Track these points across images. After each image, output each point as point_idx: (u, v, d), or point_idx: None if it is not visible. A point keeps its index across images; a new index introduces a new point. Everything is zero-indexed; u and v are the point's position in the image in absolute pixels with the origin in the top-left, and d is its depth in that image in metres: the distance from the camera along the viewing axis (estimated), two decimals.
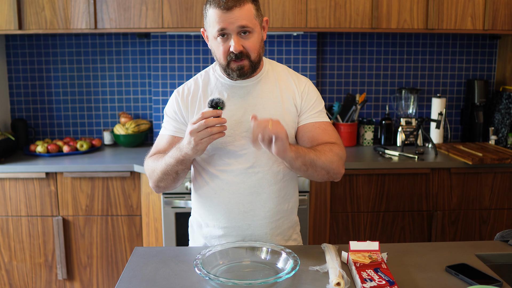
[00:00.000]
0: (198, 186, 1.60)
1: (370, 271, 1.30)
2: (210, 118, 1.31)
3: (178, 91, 1.60)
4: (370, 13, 2.78)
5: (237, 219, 1.55)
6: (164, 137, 1.58)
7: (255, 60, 1.47)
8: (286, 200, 1.60)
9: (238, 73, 1.46)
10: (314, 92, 1.60)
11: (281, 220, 1.59)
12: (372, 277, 1.27)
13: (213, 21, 1.42)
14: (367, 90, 3.25)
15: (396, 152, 2.79)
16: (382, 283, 1.23)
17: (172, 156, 1.43)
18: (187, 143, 1.36)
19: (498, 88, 3.21)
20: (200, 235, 1.64)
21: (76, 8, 2.72)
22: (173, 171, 1.46)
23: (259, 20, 1.46)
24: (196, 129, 1.31)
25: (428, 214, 2.73)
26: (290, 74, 1.61)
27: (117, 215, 2.71)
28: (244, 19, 1.40)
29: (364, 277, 1.26)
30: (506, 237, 1.58)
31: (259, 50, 1.48)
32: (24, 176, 2.63)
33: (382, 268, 1.31)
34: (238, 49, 1.42)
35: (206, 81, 1.58)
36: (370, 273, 1.29)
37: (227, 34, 1.42)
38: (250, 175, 1.53)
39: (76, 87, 3.19)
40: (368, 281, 1.25)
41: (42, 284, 2.75)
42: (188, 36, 3.02)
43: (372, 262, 1.35)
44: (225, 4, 1.39)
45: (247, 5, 1.42)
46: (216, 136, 1.33)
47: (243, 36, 1.43)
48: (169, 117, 1.59)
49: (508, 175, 2.71)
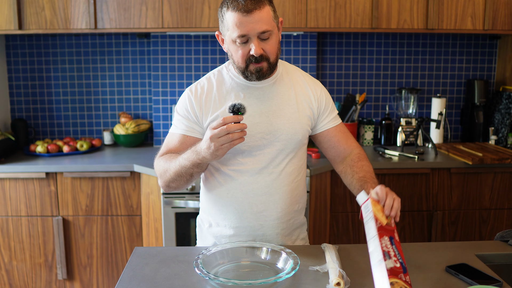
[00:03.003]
0: (210, 185, 1.59)
1: (387, 239, 1.15)
2: (231, 124, 1.29)
3: (191, 89, 1.57)
4: (370, 13, 2.78)
5: (249, 219, 1.55)
6: (175, 136, 1.56)
7: (274, 62, 1.48)
8: (297, 200, 1.61)
9: (257, 75, 1.47)
10: (329, 96, 1.66)
11: (291, 221, 1.60)
12: (389, 251, 1.11)
13: (232, 24, 1.41)
14: (367, 90, 3.25)
15: (396, 152, 2.79)
16: (397, 265, 1.09)
17: (188, 159, 1.41)
18: (206, 148, 1.33)
19: (498, 88, 3.21)
20: (209, 234, 1.63)
21: (76, 8, 2.72)
22: (188, 174, 1.44)
23: (276, 21, 1.47)
24: (217, 135, 1.29)
25: (428, 214, 2.73)
26: (304, 76, 1.63)
27: (117, 215, 2.71)
28: (264, 24, 1.40)
29: (384, 249, 1.11)
30: (506, 237, 1.58)
31: (277, 52, 1.49)
32: (24, 176, 2.63)
33: (395, 240, 1.18)
34: (259, 53, 1.42)
35: (220, 81, 1.57)
36: (387, 244, 1.13)
37: (248, 39, 1.42)
38: (264, 176, 1.53)
39: (76, 87, 3.19)
40: (386, 256, 1.09)
41: (42, 284, 2.75)
42: (188, 36, 3.02)
43: (387, 225, 1.21)
44: (244, 7, 1.38)
45: (266, 8, 1.41)
46: (236, 142, 1.31)
47: (263, 40, 1.43)
48: (180, 116, 1.56)
49: (508, 175, 2.71)
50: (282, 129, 1.53)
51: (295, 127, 1.55)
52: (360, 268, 1.38)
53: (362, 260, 1.43)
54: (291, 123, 1.54)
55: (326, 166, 2.61)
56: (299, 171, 1.60)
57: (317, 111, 1.60)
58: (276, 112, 1.53)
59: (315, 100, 1.59)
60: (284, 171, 1.55)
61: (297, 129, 1.55)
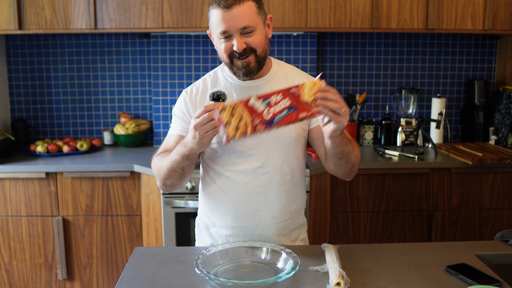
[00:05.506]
0: (207, 185, 1.60)
1: (285, 101, 1.24)
2: (213, 110, 1.31)
3: (186, 91, 1.61)
4: (370, 13, 2.78)
5: (245, 219, 1.55)
6: (172, 137, 1.59)
7: (261, 55, 1.47)
8: (294, 201, 1.60)
9: (244, 70, 1.47)
10: None
11: (288, 221, 1.59)
12: (271, 104, 1.22)
13: (215, 22, 1.43)
14: (367, 90, 3.25)
15: (396, 152, 2.79)
16: (264, 112, 1.22)
17: (177, 152, 1.43)
18: (192, 138, 1.36)
19: (498, 88, 3.21)
20: (207, 235, 1.64)
21: (76, 8, 2.72)
22: (179, 167, 1.46)
23: (261, 17, 1.46)
24: (200, 123, 1.31)
25: (428, 214, 2.73)
26: (300, 74, 1.62)
27: (117, 215, 2.71)
28: (245, 19, 1.40)
29: (271, 97, 1.22)
30: (506, 237, 1.58)
31: (265, 46, 1.47)
32: (24, 176, 2.63)
33: (296, 112, 1.25)
34: (241, 48, 1.42)
35: (215, 81, 1.59)
36: (278, 99, 1.23)
37: (230, 35, 1.43)
38: (259, 175, 1.53)
39: (76, 87, 3.19)
40: (265, 100, 1.21)
41: (42, 284, 2.75)
42: (188, 36, 3.02)
43: (306, 103, 1.25)
44: (224, 3, 1.40)
45: (247, 3, 1.41)
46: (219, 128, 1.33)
47: (245, 35, 1.43)
48: (177, 117, 1.60)
49: (508, 175, 2.71)
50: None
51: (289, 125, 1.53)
52: (360, 268, 1.38)
53: (362, 260, 1.43)
54: None
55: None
56: (297, 171, 1.59)
57: None
58: None
59: None
60: (280, 170, 1.54)
61: (290, 127, 1.54)
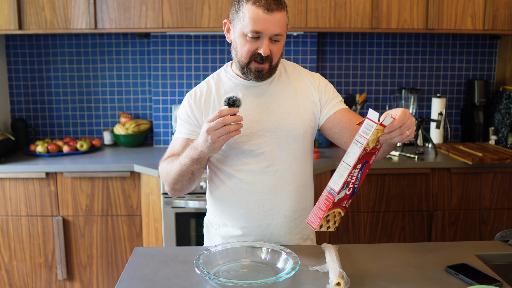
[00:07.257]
0: (216, 187, 1.59)
1: (359, 167, 1.24)
2: (227, 116, 1.30)
3: (190, 94, 1.60)
4: (370, 13, 2.78)
5: (256, 219, 1.55)
6: (178, 140, 1.58)
7: (275, 65, 1.50)
8: (304, 198, 1.60)
9: (256, 74, 1.48)
10: (329, 84, 1.63)
11: (299, 219, 1.59)
12: (349, 181, 1.24)
13: (249, 18, 1.42)
14: (367, 90, 3.25)
15: (396, 152, 2.79)
16: (347, 193, 1.24)
17: (186, 156, 1.42)
18: (203, 141, 1.35)
19: (498, 88, 3.21)
20: (217, 235, 1.63)
21: (76, 8, 2.72)
22: (189, 171, 1.45)
23: (287, 28, 1.50)
24: (213, 127, 1.31)
25: (428, 214, 2.73)
26: (302, 71, 1.63)
27: (117, 215, 2.71)
28: (279, 27, 1.43)
29: (348, 179, 1.23)
30: (506, 237, 1.58)
31: (280, 56, 1.51)
32: (24, 176, 2.63)
33: (368, 163, 1.26)
34: (267, 53, 1.44)
35: (219, 83, 1.59)
36: (354, 174, 1.24)
37: (260, 36, 1.43)
38: (269, 174, 1.53)
39: (76, 87, 3.19)
40: (344, 187, 1.23)
41: (42, 284, 2.75)
42: (188, 36, 3.02)
43: (373, 149, 1.24)
44: (267, 5, 1.40)
45: (284, 12, 1.45)
46: (233, 134, 1.32)
47: (272, 42, 1.45)
48: (182, 120, 1.58)
49: (508, 175, 2.71)
50: (283, 125, 1.53)
51: (296, 122, 1.54)
52: (360, 268, 1.38)
53: (362, 260, 1.43)
54: (292, 118, 1.54)
55: (326, 166, 2.61)
56: (306, 168, 1.59)
57: (319, 100, 1.59)
58: (276, 109, 1.53)
59: (315, 90, 1.58)
60: (289, 168, 1.54)
61: (297, 123, 1.54)
